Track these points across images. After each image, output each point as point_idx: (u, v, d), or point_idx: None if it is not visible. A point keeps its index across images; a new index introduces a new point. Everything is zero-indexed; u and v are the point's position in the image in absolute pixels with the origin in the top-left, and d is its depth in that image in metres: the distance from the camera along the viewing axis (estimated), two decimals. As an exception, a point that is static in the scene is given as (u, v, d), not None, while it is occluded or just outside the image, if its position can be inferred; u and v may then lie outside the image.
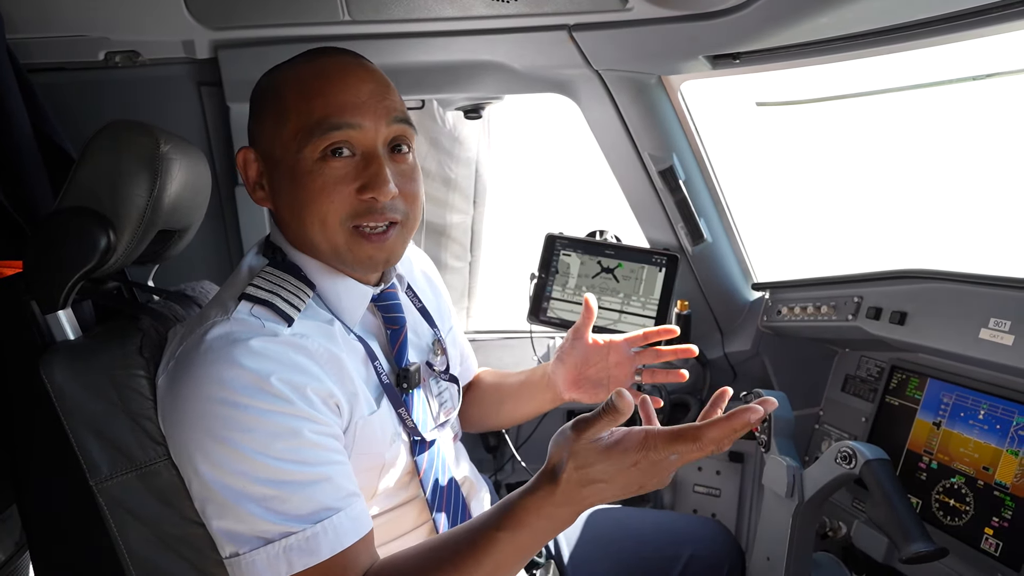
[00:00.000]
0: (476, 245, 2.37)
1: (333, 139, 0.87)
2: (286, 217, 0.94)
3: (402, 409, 0.98)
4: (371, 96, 0.89)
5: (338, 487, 0.83)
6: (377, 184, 0.87)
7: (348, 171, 0.88)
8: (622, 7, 1.28)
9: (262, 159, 0.94)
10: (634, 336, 1.15)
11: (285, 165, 0.89)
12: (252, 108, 0.96)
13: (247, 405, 0.79)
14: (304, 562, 0.79)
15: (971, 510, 1.21)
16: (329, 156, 0.87)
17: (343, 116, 0.87)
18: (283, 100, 0.90)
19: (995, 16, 1.08)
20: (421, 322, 1.13)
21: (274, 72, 0.95)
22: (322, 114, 0.87)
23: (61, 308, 0.90)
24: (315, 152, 0.87)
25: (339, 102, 0.87)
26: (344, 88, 0.88)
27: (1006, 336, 1.16)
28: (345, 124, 0.87)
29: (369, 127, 0.88)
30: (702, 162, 1.70)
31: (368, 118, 0.88)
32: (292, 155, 0.88)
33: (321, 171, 0.87)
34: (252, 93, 0.96)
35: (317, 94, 0.88)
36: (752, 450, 1.84)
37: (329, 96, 0.87)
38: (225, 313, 0.86)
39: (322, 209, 0.88)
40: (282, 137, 0.89)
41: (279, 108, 0.90)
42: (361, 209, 0.89)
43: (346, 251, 0.91)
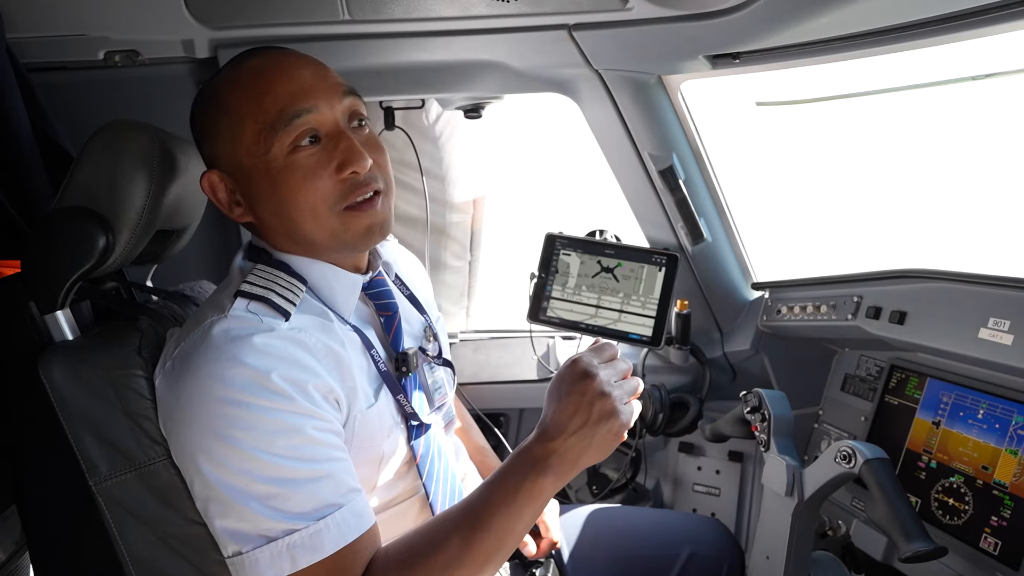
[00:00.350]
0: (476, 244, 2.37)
1: (298, 127, 0.87)
2: (272, 223, 0.93)
3: (401, 395, 0.98)
4: (314, 77, 0.90)
5: (340, 483, 0.83)
6: (353, 157, 0.88)
7: (321, 155, 0.89)
8: (622, 7, 1.28)
9: (229, 175, 0.93)
10: None
11: (257, 170, 0.89)
12: (199, 131, 0.95)
13: (249, 403, 0.79)
14: (308, 559, 0.79)
15: (970, 509, 1.21)
16: (298, 146, 0.88)
17: (297, 103, 0.87)
18: (231, 108, 0.90)
19: (995, 16, 1.08)
20: (411, 309, 1.13)
21: (208, 88, 0.94)
22: (277, 108, 0.87)
23: (59, 308, 0.90)
24: (283, 147, 0.87)
25: (288, 91, 0.88)
26: (288, 78, 0.89)
27: (1005, 336, 1.16)
28: (303, 110, 0.87)
29: (324, 106, 0.89)
30: (702, 162, 1.70)
31: (320, 98, 0.89)
32: (261, 158, 0.88)
33: (295, 163, 0.88)
34: (192, 117, 0.96)
35: (265, 91, 0.88)
36: (751, 449, 1.84)
37: (277, 89, 0.88)
38: (222, 311, 0.86)
39: (309, 199, 0.88)
40: (244, 144, 0.89)
41: (229, 118, 0.90)
42: (345, 188, 0.89)
43: (344, 231, 0.91)
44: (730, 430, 1.48)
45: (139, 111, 1.57)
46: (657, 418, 1.73)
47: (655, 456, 1.98)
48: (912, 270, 1.37)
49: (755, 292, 1.83)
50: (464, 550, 0.80)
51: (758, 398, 1.31)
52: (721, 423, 1.51)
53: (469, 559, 0.81)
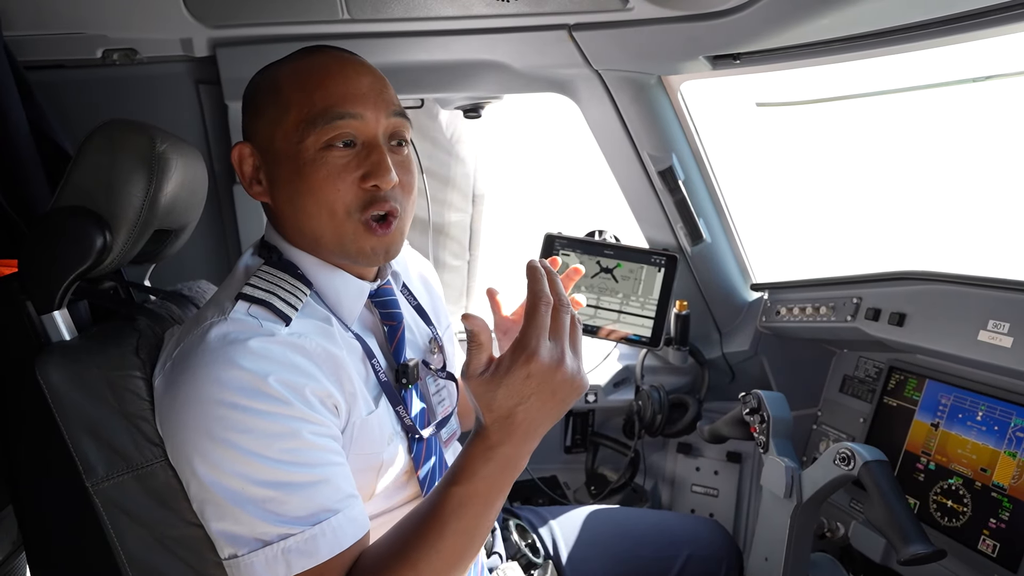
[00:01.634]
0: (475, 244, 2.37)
1: (337, 128, 0.88)
2: (286, 210, 0.93)
3: (400, 407, 0.98)
4: (370, 88, 0.91)
5: (337, 488, 0.82)
6: (380, 172, 0.88)
7: (350, 160, 0.89)
8: (622, 7, 1.28)
9: (259, 153, 0.94)
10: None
11: (286, 156, 0.90)
12: (247, 104, 0.96)
13: (246, 406, 0.78)
14: (303, 563, 0.78)
15: (969, 511, 1.21)
16: (332, 146, 0.88)
17: (345, 106, 0.88)
18: (282, 93, 0.90)
19: (995, 19, 1.08)
20: (417, 320, 1.13)
21: (270, 68, 0.95)
22: (324, 104, 0.88)
23: (57, 309, 0.89)
24: (318, 142, 0.88)
25: (340, 92, 0.89)
26: (344, 80, 0.90)
27: (1004, 338, 1.16)
28: (347, 114, 0.88)
29: (370, 117, 0.89)
30: (701, 162, 1.70)
31: (369, 108, 0.89)
32: (294, 146, 0.89)
33: (324, 160, 0.88)
34: (247, 90, 0.96)
35: (317, 86, 0.89)
36: (750, 450, 1.84)
37: (330, 87, 0.89)
38: (222, 313, 0.86)
39: (328, 198, 0.88)
40: (283, 129, 0.89)
41: (278, 101, 0.90)
42: (366, 198, 0.89)
43: (351, 242, 0.91)
44: (729, 431, 1.48)
45: (137, 109, 1.57)
46: (656, 419, 1.73)
47: (654, 457, 1.98)
48: (911, 272, 1.37)
49: (754, 293, 1.83)
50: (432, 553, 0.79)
51: (757, 399, 1.31)
52: (720, 424, 1.51)
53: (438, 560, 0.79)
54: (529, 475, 1.87)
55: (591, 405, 1.87)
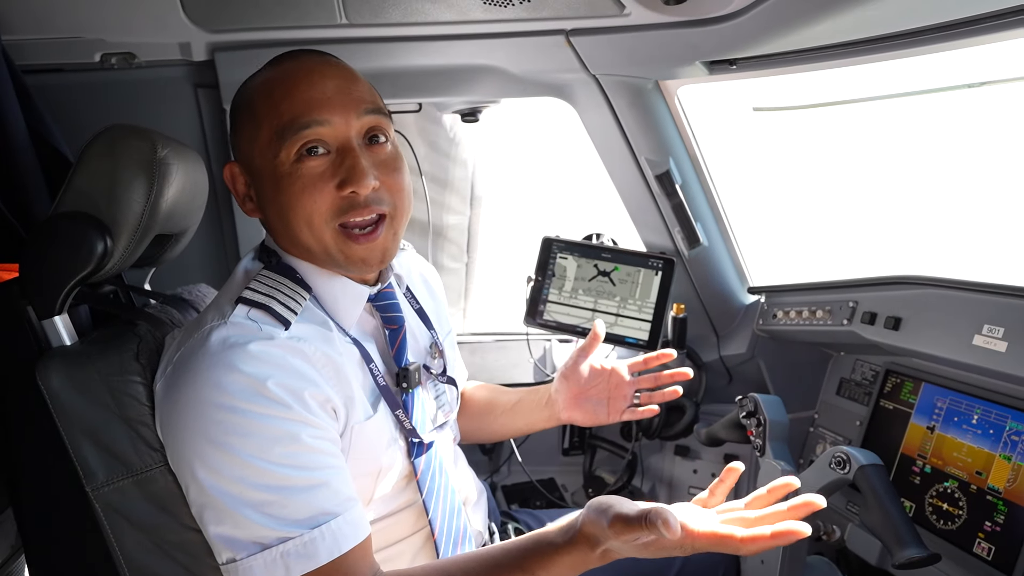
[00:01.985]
0: (473, 247, 2.38)
1: (304, 138, 0.86)
2: (276, 224, 0.94)
3: (400, 411, 0.98)
4: (336, 91, 0.89)
5: (336, 492, 0.83)
6: (355, 177, 0.87)
7: (325, 168, 0.88)
8: (619, 12, 1.29)
9: (246, 171, 0.94)
10: (634, 362, 1.22)
11: (266, 172, 0.90)
12: (231, 122, 0.96)
13: (245, 410, 0.79)
14: (302, 567, 0.79)
15: (964, 514, 1.22)
16: (304, 156, 0.87)
17: (310, 114, 0.87)
18: (254, 109, 0.90)
19: (989, 26, 1.09)
20: (419, 324, 1.13)
21: (246, 84, 0.95)
22: (289, 115, 0.87)
23: (58, 314, 0.90)
24: (290, 154, 0.87)
25: (304, 100, 0.87)
26: (309, 86, 0.88)
27: (999, 343, 1.17)
28: (313, 122, 0.86)
29: (338, 122, 0.88)
30: (698, 166, 1.70)
31: (336, 113, 0.88)
32: (270, 161, 0.88)
33: (299, 172, 0.87)
34: (230, 107, 0.97)
35: (283, 97, 0.88)
36: (747, 453, 1.85)
37: (295, 97, 0.87)
38: (222, 317, 0.86)
39: (306, 210, 0.88)
40: (259, 145, 0.89)
41: (252, 117, 0.90)
42: (344, 205, 0.88)
43: (337, 252, 0.90)
44: (726, 434, 1.48)
45: (135, 113, 1.57)
46: (653, 422, 1.74)
47: (651, 459, 1.98)
48: (907, 276, 1.37)
49: (751, 296, 1.83)
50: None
51: (754, 403, 1.32)
52: (717, 427, 1.51)
53: None
54: (527, 477, 1.87)
55: None
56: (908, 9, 1.11)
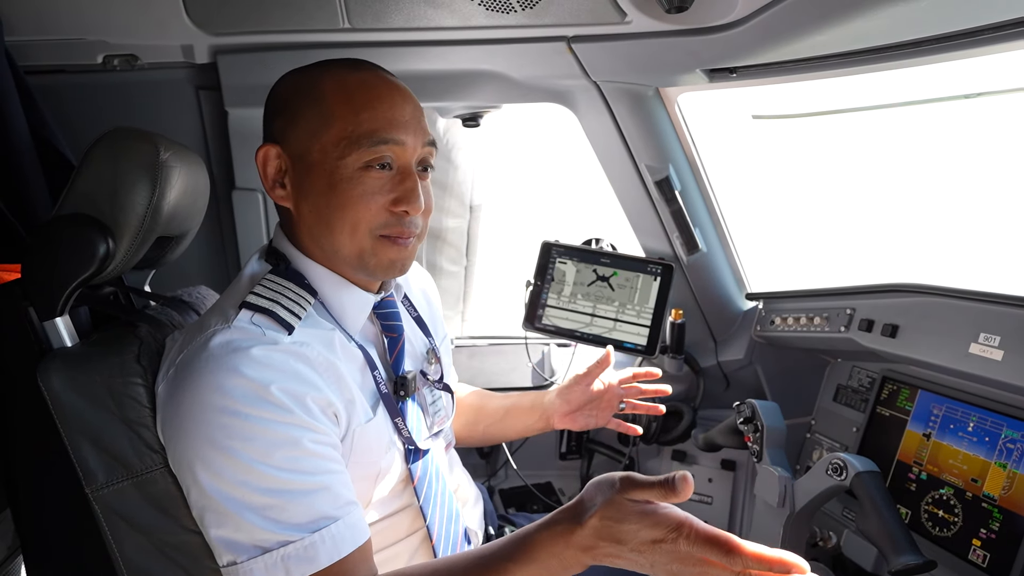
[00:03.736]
0: (472, 250, 2.38)
1: (379, 151, 0.90)
2: (309, 219, 0.94)
3: (398, 418, 0.99)
4: (412, 116, 0.94)
5: (336, 496, 0.83)
6: (411, 199, 0.91)
7: (385, 183, 0.92)
8: (621, 20, 1.29)
9: (289, 158, 0.94)
10: (625, 376, 1.33)
11: (322, 168, 0.91)
12: (281, 106, 0.95)
13: (248, 414, 0.79)
14: (302, 571, 0.79)
15: (959, 521, 1.22)
16: (370, 167, 0.90)
17: (391, 132, 0.90)
18: (326, 105, 0.91)
19: (987, 37, 1.10)
20: (416, 331, 1.14)
21: (310, 74, 0.94)
22: (371, 127, 0.89)
23: (59, 315, 0.90)
24: (359, 161, 0.90)
25: (388, 117, 0.91)
26: (392, 105, 0.92)
27: (995, 351, 1.17)
28: (392, 140, 0.90)
29: (410, 145, 0.92)
30: (698, 173, 1.71)
31: (410, 136, 0.92)
32: (332, 160, 0.90)
33: (362, 180, 0.90)
34: (279, 90, 0.96)
35: (365, 106, 0.90)
36: (744, 459, 1.85)
37: (379, 111, 0.91)
38: (226, 321, 0.87)
39: (356, 216, 0.91)
40: (322, 142, 0.90)
41: (321, 112, 0.91)
42: (392, 221, 0.92)
43: (371, 255, 0.93)
44: (723, 440, 1.49)
45: (137, 115, 1.57)
46: (651, 426, 1.74)
47: (648, 464, 1.99)
48: (905, 284, 1.38)
49: (749, 302, 1.84)
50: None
51: (751, 409, 1.32)
52: (714, 433, 1.52)
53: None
54: (524, 482, 1.88)
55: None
56: (906, 21, 1.12)
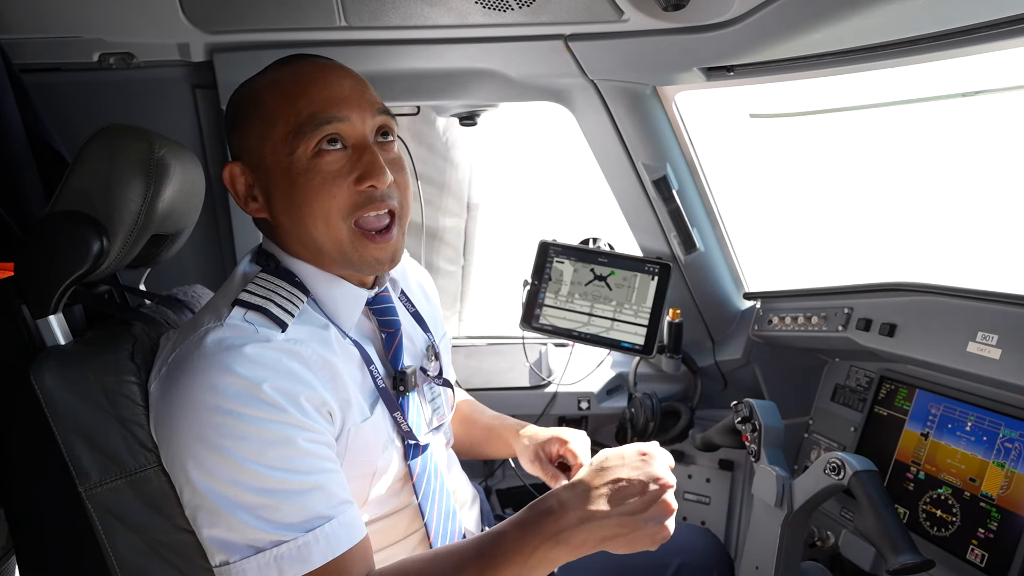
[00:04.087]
0: (469, 250, 2.38)
1: (324, 132, 0.88)
2: (284, 223, 0.94)
3: (397, 413, 0.98)
4: (352, 90, 0.92)
5: (330, 495, 0.82)
6: (374, 171, 0.89)
7: (343, 164, 0.90)
8: (618, 18, 1.29)
9: (251, 170, 0.94)
10: None
11: (279, 169, 0.90)
12: (231, 123, 0.96)
13: (240, 413, 0.78)
14: (296, 570, 0.78)
15: (957, 521, 1.22)
16: (322, 151, 0.89)
17: (330, 110, 0.89)
18: (266, 106, 0.91)
19: (983, 35, 1.10)
20: (415, 327, 1.13)
21: (249, 84, 0.96)
22: (309, 111, 0.88)
23: (52, 313, 0.90)
24: (308, 149, 0.88)
25: (324, 97, 0.89)
26: (326, 85, 0.91)
27: (993, 350, 1.17)
28: (334, 117, 0.89)
29: (356, 119, 0.90)
30: (695, 172, 1.71)
31: (354, 110, 0.90)
32: (285, 157, 0.89)
33: (317, 167, 0.88)
34: (228, 106, 0.97)
35: (301, 94, 0.89)
36: (742, 459, 1.85)
37: (313, 94, 0.89)
38: (218, 319, 0.86)
39: (324, 206, 0.89)
40: (271, 142, 0.90)
41: (263, 115, 0.91)
42: (361, 200, 0.90)
43: (352, 250, 0.92)
44: (721, 439, 1.49)
45: (133, 114, 1.57)
46: (648, 426, 1.74)
47: (646, 464, 1.98)
48: (902, 283, 1.38)
49: (747, 302, 1.84)
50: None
51: (749, 408, 1.32)
52: (712, 432, 1.51)
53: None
54: (522, 482, 1.87)
55: (584, 412, 1.88)
56: (903, 19, 1.12)
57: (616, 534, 0.81)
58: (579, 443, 1.26)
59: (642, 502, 0.81)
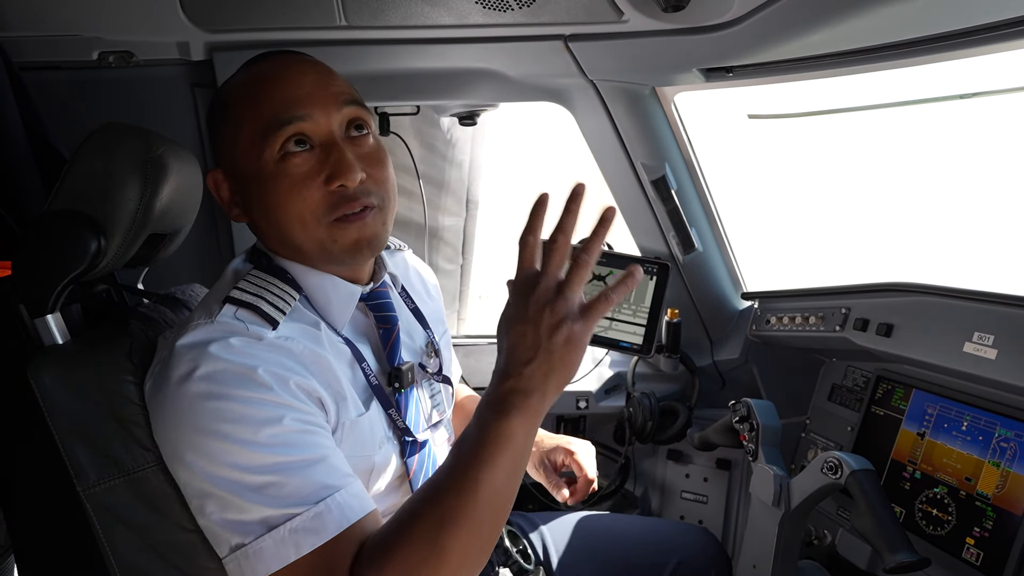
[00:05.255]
0: (468, 249, 2.38)
1: (286, 133, 0.86)
2: (263, 227, 0.94)
3: (392, 410, 0.98)
4: (314, 85, 0.89)
5: (334, 467, 0.82)
6: (342, 170, 0.86)
7: (311, 165, 0.87)
8: (618, 19, 1.29)
9: (229, 176, 0.94)
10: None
11: (250, 175, 0.89)
12: (208, 130, 0.96)
13: (232, 395, 0.78)
14: (311, 542, 0.77)
15: (953, 520, 1.23)
16: (288, 154, 0.87)
17: (290, 110, 0.86)
18: (232, 111, 0.90)
19: (982, 37, 1.10)
20: (414, 323, 1.12)
21: (221, 89, 0.95)
22: (270, 113, 0.86)
23: (50, 312, 0.89)
24: (273, 153, 0.86)
25: (283, 97, 0.87)
26: (286, 84, 0.88)
27: (989, 350, 1.18)
28: (295, 117, 0.86)
29: (319, 115, 0.88)
30: (694, 172, 1.71)
31: (316, 107, 0.88)
32: (254, 163, 0.88)
33: (285, 171, 0.87)
34: (206, 115, 0.97)
35: (262, 96, 0.88)
36: (740, 458, 1.85)
37: (272, 95, 0.87)
38: (209, 316, 0.86)
39: (297, 209, 0.87)
40: (241, 147, 0.89)
41: (230, 121, 0.90)
42: (334, 201, 0.88)
43: (331, 243, 0.90)
44: (718, 439, 1.49)
45: (132, 112, 1.57)
46: (646, 425, 1.74)
47: (644, 463, 1.99)
48: (899, 283, 1.39)
49: (745, 302, 1.84)
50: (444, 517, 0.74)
51: (747, 408, 1.32)
52: (710, 432, 1.52)
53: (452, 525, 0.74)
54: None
55: (582, 411, 1.88)
56: (902, 20, 1.12)
57: (543, 375, 0.75)
58: (585, 454, 1.27)
59: (538, 335, 0.75)
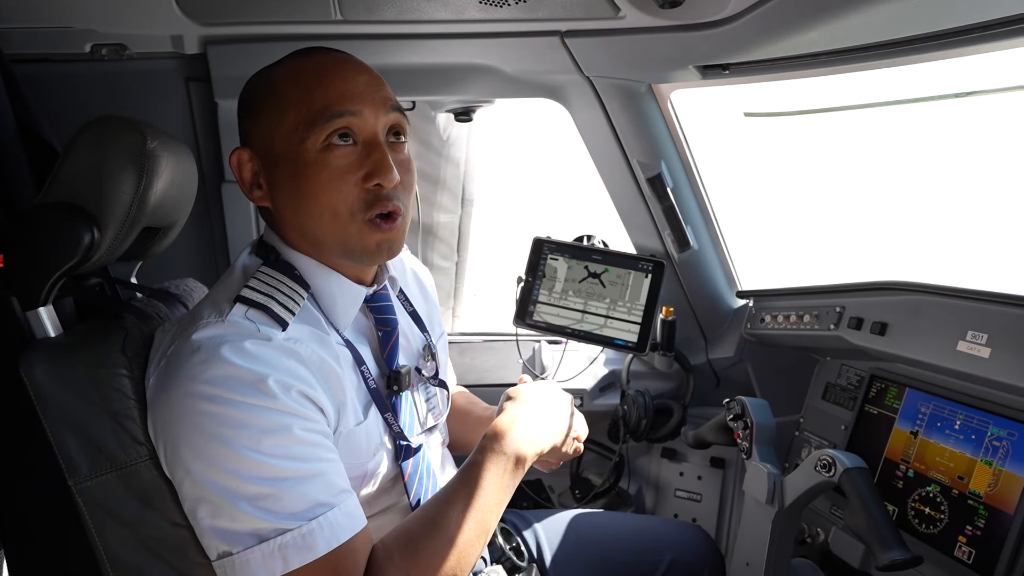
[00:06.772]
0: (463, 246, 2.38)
1: (335, 125, 0.87)
2: (287, 213, 0.93)
3: (389, 414, 0.98)
4: (368, 86, 0.91)
5: (330, 483, 0.82)
6: (382, 171, 0.88)
7: (352, 160, 0.89)
8: (615, 15, 1.29)
9: (258, 157, 0.93)
10: None
11: (287, 159, 0.89)
12: (244, 108, 0.95)
13: (238, 402, 0.78)
14: (300, 559, 0.78)
15: (946, 518, 1.23)
16: (332, 145, 0.88)
17: (343, 104, 0.88)
18: (280, 95, 0.90)
19: (978, 36, 1.10)
20: (412, 327, 1.12)
21: (266, 71, 0.95)
22: (322, 103, 0.87)
23: (42, 305, 0.89)
24: (318, 142, 0.87)
25: (338, 91, 0.88)
26: (342, 78, 0.90)
27: (983, 349, 1.18)
28: (346, 111, 0.88)
29: (369, 114, 0.89)
30: (690, 170, 1.71)
31: (367, 106, 0.89)
32: (294, 148, 0.88)
33: (326, 161, 0.88)
34: (242, 94, 0.96)
35: (315, 85, 0.89)
36: (733, 456, 1.86)
37: (328, 86, 0.88)
38: (219, 314, 0.85)
39: (332, 200, 0.88)
40: (281, 131, 0.89)
41: (276, 103, 0.90)
42: (369, 199, 0.89)
43: (356, 240, 0.91)
44: (713, 437, 1.49)
45: (125, 105, 1.56)
46: (640, 423, 1.74)
47: (638, 461, 1.99)
48: (894, 282, 1.39)
49: (740, 300, 1.85)
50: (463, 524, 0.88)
51: (741, 406, 1.33)
52: (704, 430, 1.52)
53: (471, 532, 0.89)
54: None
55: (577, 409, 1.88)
56: (898, 18, 1.12)
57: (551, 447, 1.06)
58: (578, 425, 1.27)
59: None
